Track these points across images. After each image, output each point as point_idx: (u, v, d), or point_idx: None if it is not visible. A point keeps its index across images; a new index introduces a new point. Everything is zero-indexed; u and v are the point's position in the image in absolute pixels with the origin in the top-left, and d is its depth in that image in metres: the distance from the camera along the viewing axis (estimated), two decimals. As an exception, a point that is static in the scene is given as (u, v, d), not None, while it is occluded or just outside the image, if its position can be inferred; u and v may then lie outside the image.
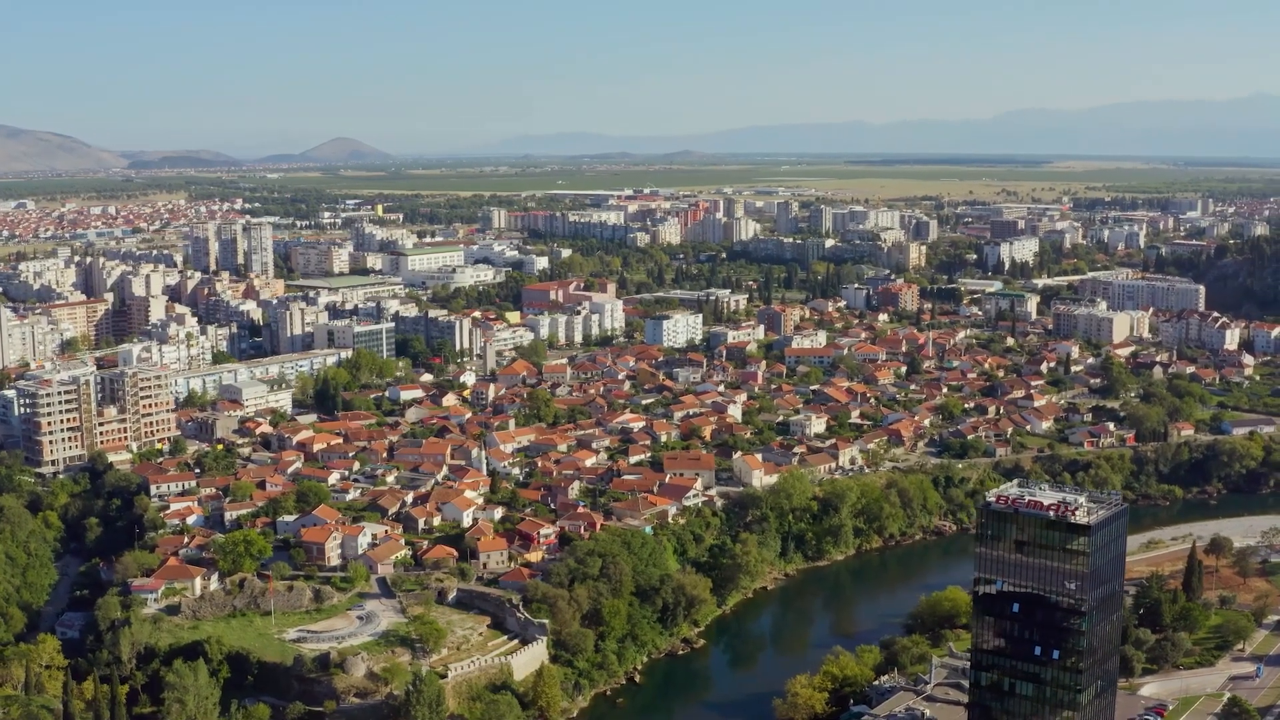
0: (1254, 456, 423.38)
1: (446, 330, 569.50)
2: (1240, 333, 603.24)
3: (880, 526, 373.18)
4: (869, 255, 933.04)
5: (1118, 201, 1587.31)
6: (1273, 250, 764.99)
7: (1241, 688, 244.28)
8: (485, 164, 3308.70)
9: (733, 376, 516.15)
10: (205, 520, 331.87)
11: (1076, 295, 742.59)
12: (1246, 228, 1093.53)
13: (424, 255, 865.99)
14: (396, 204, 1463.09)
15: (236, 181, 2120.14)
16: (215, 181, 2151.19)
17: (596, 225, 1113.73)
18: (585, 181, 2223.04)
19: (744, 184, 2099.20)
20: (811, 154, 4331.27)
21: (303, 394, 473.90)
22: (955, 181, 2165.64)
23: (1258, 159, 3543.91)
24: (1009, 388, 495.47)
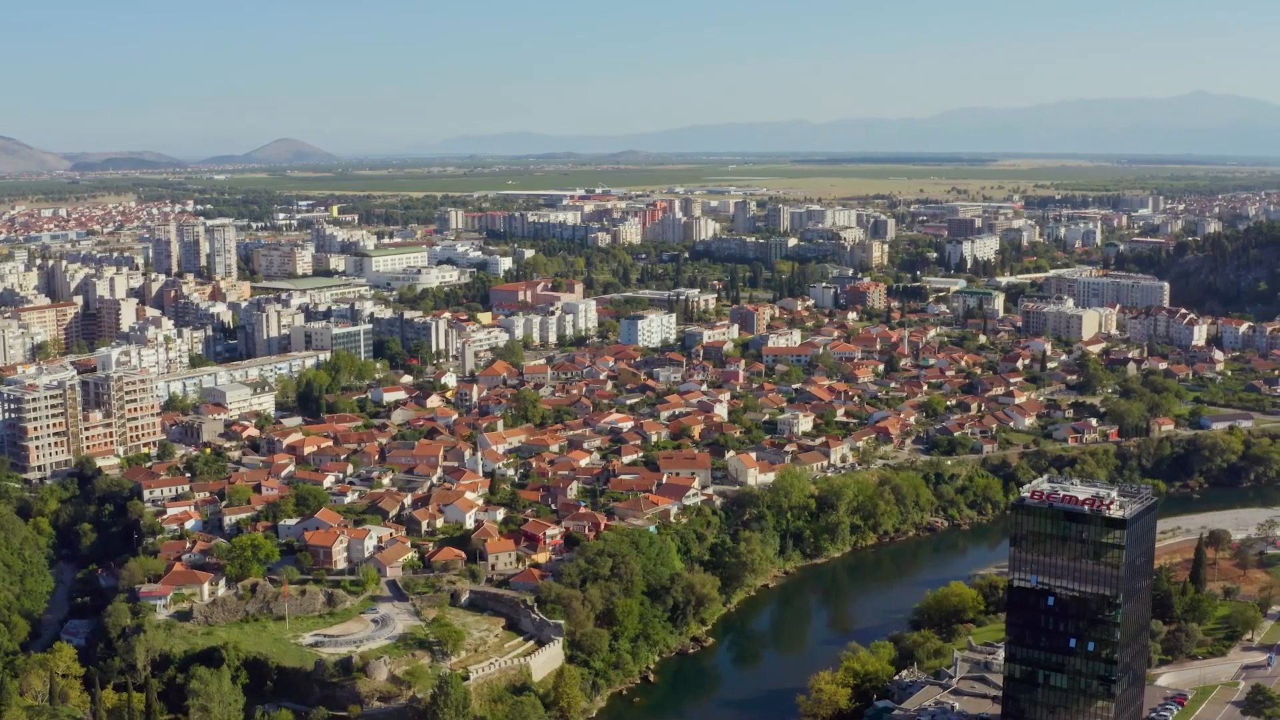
0: (1234, 451, 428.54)
1: (422, 331, 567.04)
2: (1208, 329, 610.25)
3: (875, 523, 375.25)
4: (832, 254, 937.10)
5: (1069, 200, 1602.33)
6: (1234, 247, 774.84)
7: (1254, 676, 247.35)
8: (431, 164, 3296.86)
9: (713, 376, 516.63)
10: (203, 525, 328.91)
11: (1042, 293, 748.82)
12: (1200, 225, 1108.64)
13: (387, 256, 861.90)
14: (350, 205, 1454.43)
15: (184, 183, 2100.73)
16: (163, 183, 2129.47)
17: (556, 225, 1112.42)
18: (536, 182, 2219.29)
19: (694, 183, 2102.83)
20: (755, 153, 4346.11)
21: (284, 396, 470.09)
22: (904, 180, 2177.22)
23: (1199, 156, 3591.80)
24: (989, 385, 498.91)
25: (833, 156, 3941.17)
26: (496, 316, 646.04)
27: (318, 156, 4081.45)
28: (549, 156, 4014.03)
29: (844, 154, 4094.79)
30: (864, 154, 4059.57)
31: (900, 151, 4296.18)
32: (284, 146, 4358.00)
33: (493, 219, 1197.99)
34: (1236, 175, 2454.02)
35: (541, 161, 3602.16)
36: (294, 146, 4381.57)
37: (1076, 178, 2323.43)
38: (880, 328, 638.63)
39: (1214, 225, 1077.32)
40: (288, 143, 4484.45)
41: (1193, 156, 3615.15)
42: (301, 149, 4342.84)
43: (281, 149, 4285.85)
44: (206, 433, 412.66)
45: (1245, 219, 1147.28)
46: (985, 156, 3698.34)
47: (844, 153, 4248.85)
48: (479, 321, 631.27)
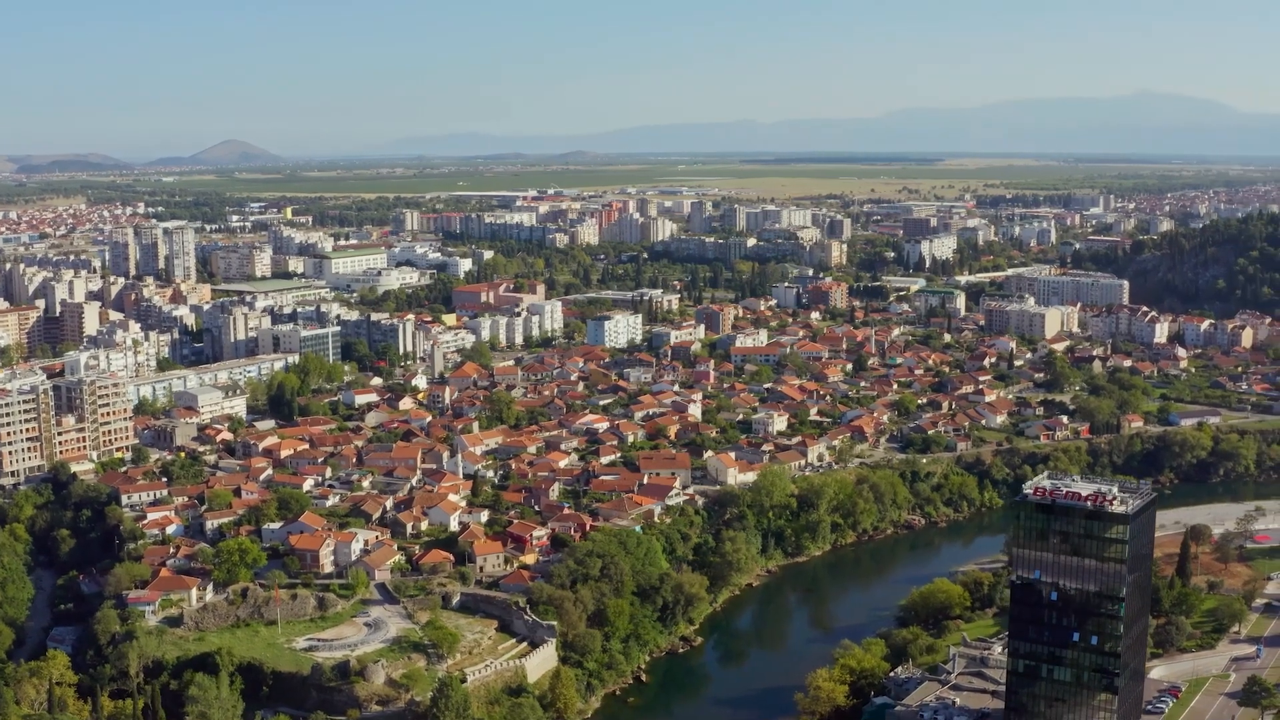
0: (1204, 447, 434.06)
1: (389, 333, 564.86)
2: (1169, 326, 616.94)
3: (855, 522, 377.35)
4: (791, 254, 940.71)
5: (1020, 199, 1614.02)
6: (1191, 246, 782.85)
7: (1244, 668, 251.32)
8: (380, 165, 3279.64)
9: (683, 376, 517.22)
10: (185, 530, 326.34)
11: (1002, 291, 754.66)
12: (1153, 223, 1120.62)
13: (346, 258, 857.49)
14: (302, 207, 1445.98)
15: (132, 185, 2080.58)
16: (111, 185, 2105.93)
17: (513, 226, 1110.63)
18: (486, 183, 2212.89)
19: (645, 184, 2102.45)
20: (703, 153, 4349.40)
21: (255, 400, 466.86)
22: (854, 180, 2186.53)
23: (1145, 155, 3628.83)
24: (958, 383, 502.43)
25: (781, 156, 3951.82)
26: (461, 318, 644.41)
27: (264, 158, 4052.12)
28: (497, 157, 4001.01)
29: (792, 154, 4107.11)
30: (812, 154, 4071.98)
31: (848, 151, 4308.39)
32: (230, 148, 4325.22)
33: (448, 220, 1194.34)
34: (1183, 174, 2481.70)
35: (490, 162, 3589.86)
36: (240, 148, 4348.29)
37: (1025, 177, 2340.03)
38: (845, 327, 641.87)
39: (1166, 224, 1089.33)
40: (234, 144, 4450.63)
41: (1139, 155, 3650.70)
42: (248, 150, 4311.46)
43: (228, 150, 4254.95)
44: (180, 437, 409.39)
45: (1196, 217, 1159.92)
46: (933, 156, 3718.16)
47: (792, 152, 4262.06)
48: (444, 323, 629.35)
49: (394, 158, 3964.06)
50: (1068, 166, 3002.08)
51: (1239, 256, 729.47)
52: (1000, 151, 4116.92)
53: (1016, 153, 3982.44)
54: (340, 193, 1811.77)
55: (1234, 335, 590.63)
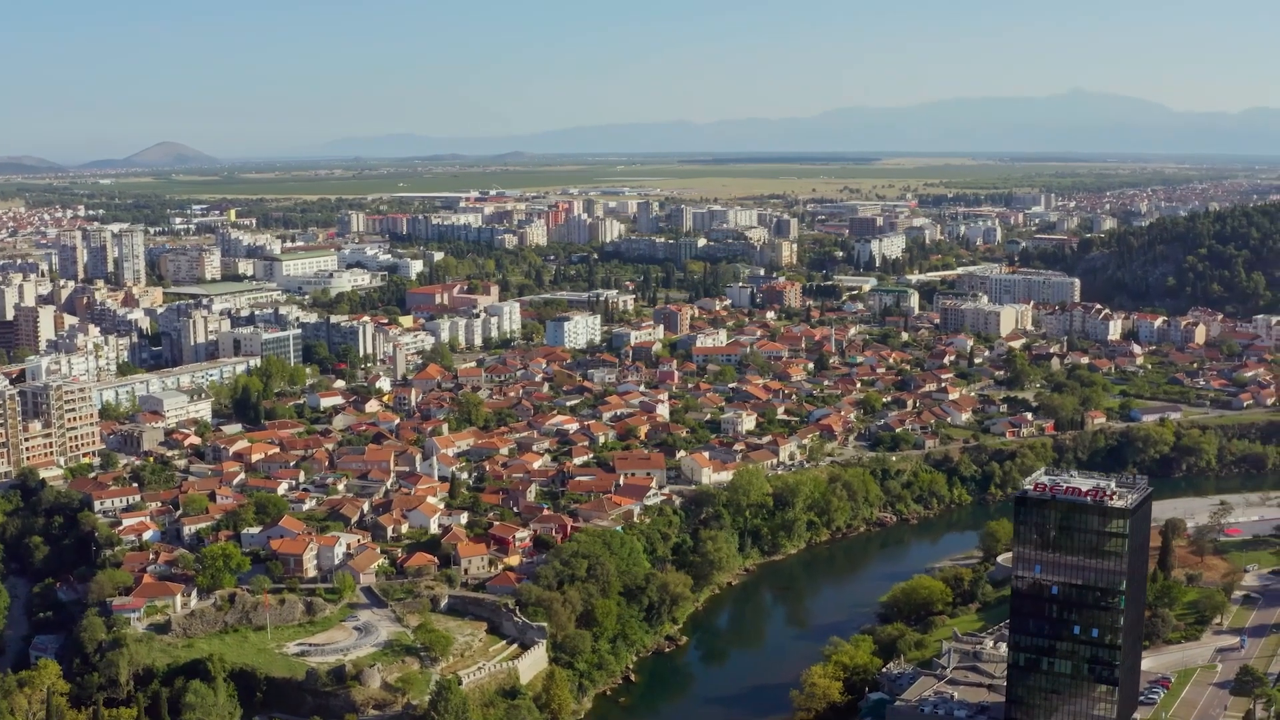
0: (1166, 442, 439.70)
1: (349, 335, 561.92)
2: (1123, 324, 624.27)
3: (829, 520, 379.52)
4: (742, 254, 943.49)
5: (961, 198, 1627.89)
6: (1140, 243, 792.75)
7: (1229, 658, 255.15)
8: (317, 167, 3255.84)
9: (647, 376, 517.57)
10: (161, 535, 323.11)
11: (954, 290, 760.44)
12: (1096, 221, 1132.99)
13: (297, 260, 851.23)
14: (245, 208, 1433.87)
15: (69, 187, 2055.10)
16: (48, 188, 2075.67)
17: (461, 228, 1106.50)
18: (426, 184, 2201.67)
19: (586, 184, 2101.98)
20: (640, 153, 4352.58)
21: (218, 403, 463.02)
22: (795, 179, 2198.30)
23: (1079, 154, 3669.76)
24: (921, 381, 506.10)
25: (718, 157, 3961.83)
26: (418, 320, 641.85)
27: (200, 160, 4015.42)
28: (434, 158, 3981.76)
29: (728, 154, 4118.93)
30: (748, 154, 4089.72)
31: (784, 151, 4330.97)
32: (165, 150, 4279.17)
33: (394, 221, 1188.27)
34: (1119, 172, 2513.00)
35: (428, 163, 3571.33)
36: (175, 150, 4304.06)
37: (963, 176, 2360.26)
38: (802, 326, 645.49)
39: (1109, 222, 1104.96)
40: (169, 146, 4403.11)
41: (1073, 154, 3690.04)
42: (183, 152, 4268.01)
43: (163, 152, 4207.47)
44: (147, 441, 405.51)
45: (1138, 215, 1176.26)
46: (869, 155, 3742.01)
47: (728, 152, 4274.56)
48: (401, 325, 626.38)
49: (330, 159, 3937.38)
50: (1004, 165, 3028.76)
51: (1188, 254, 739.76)
52: (936, 151, 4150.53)
53: (952, 152, 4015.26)
54: (280, 194, 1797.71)
55: (1187, 332, 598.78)
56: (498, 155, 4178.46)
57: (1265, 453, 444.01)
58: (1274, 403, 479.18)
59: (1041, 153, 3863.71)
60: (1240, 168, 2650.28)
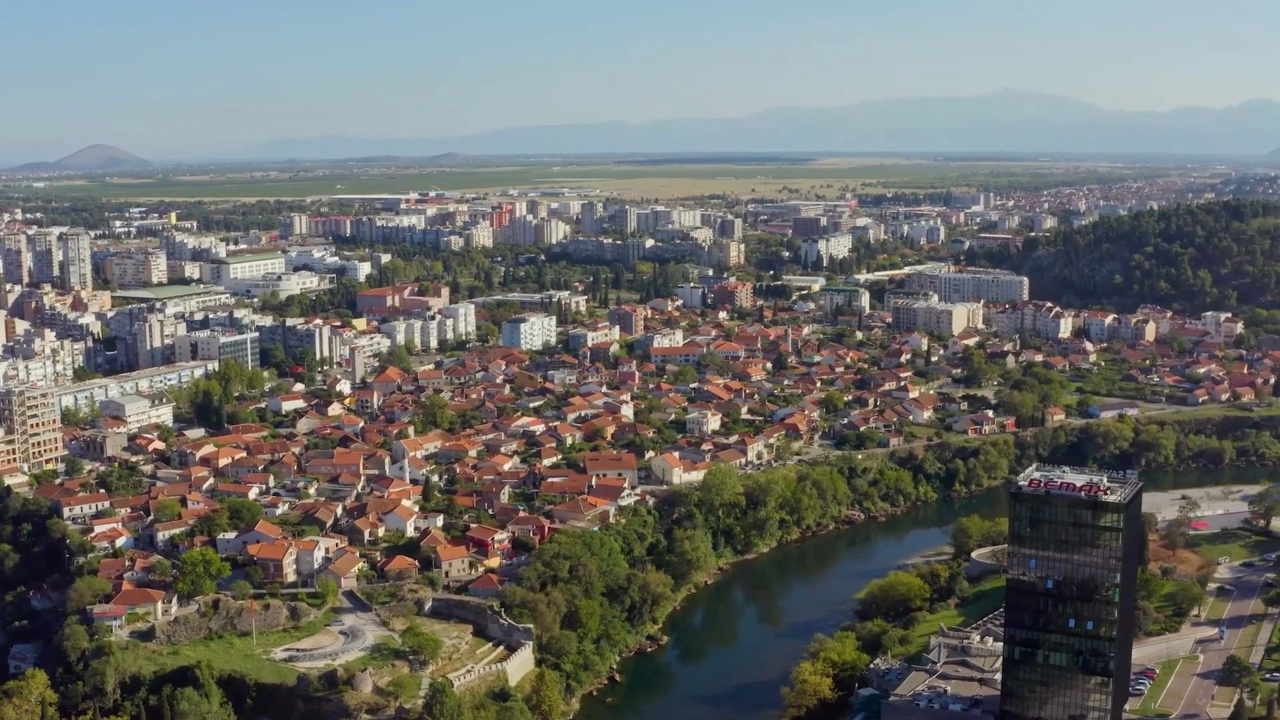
0: (1125, 438, 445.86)
1: (305, 339, 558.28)
2: (1073, 321, 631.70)
3: (800, 518, 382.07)
4: (690, 254, 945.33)
5: (900, 198, 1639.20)
6: (1086, 242, 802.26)
7: (1209, 649, 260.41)
8: (252, 169, 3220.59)
9: (607, 377, 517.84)
10: (135, 542, 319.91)
11: (903, 289, 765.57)
12: (1037, 221, 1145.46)
13: (244, 263, 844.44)
14: (185, 211, 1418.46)
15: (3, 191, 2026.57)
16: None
17: (405, 230, 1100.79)
18: (364, 185, 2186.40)
19: (525, 185, 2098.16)
20: (574, 154, 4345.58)
21: (179, 408, 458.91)
22: (733, 180, 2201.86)
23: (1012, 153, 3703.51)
24: (880, 380, 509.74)
25: (653, 157, 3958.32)
26: (371, 322, 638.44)
27: (133, 162, 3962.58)
28: (369, 160, 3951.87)
29: (663, 154, 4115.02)
30: (683, 154, 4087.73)
31: (719, 151, 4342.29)
32: (98, 153, 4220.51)
33: (338, 224, 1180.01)
34: (1054, 171, 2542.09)
35: (362, 165, 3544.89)
36: (108, 153, 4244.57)
37: (899, 175, 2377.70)
38: (757, 326, 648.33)
39: (1050, 221, 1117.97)
40: (102, 149, 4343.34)
41: (1006, 153, 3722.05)
42: (116, 155, 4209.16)
43: (95, 155, 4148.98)
44: (111, 447, 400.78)
45: (1077, 214, 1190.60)
46: (804, 156, 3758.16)
47: (663, 153, 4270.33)
48: (354, 327, 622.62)
49: (265, 161, 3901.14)
50: (939, 165, 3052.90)
51: (1134, 253, 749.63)
52: (870, 151, 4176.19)
53: (886, 152, 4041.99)
54: (216, 196, 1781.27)
55: (1138, 329, 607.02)
56: (433, 156, 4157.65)
57: (1222, 448, 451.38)
58: (1228, 398, 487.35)
59: (975, 152, 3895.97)
60: (1172, 166, 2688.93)
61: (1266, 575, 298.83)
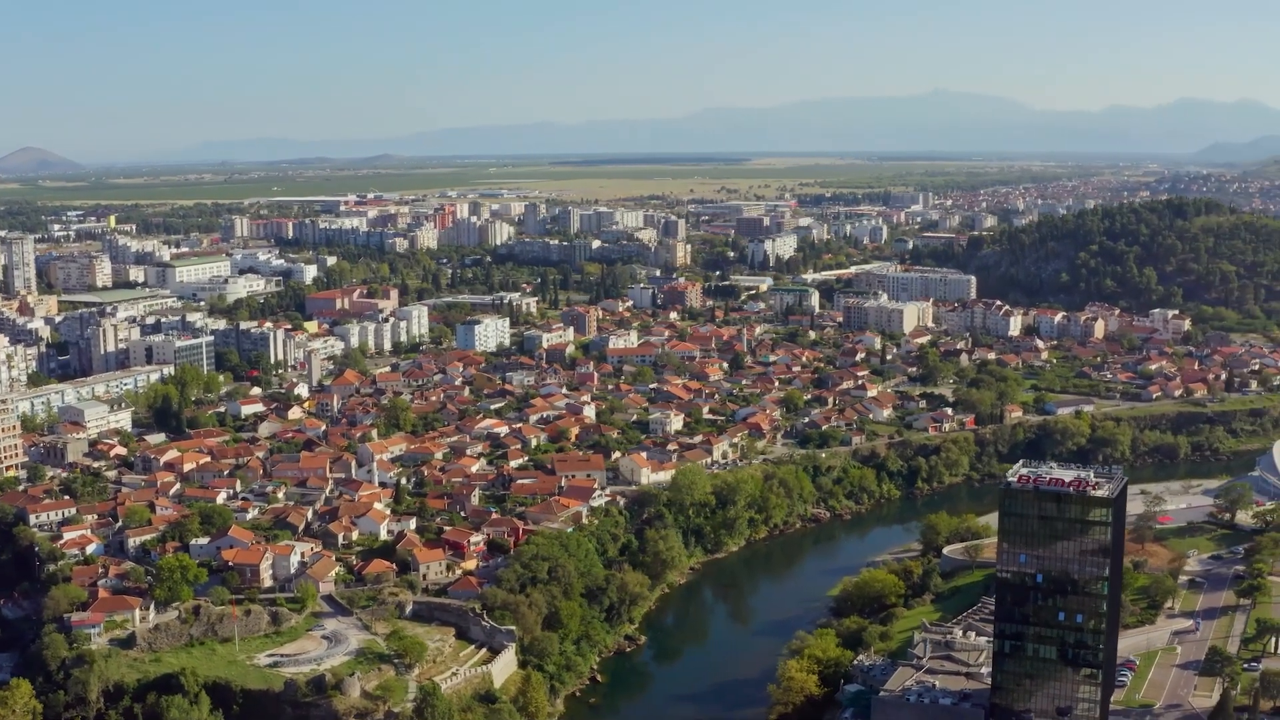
0: (1083, 434, 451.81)
1: (259, 342, 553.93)
2: (1023, 319, 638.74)
3: (767, 517, 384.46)
4: (637, 255, 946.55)
5: (839, 197, 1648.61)
6: (1031, 240, 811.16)
7: (1186, 641, 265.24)
8: (183, 171, 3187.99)
9: (565, 378, 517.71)
10: (105, 549, 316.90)
11: (852, 288, 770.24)
12: (977, 220, 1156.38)
13: (190, 266, 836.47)
14: (123, 214, 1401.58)
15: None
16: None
17: (349, 232, 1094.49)
18: (300, 187, 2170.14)
19: (462, 186, 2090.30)
20: (508, 155, 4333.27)
21: (137, 413, 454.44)
22: (671, 180, 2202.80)
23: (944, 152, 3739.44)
24: (838, 379, 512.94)
25: (588, 158, 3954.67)
26: (322, 325, 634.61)
27: (64, 165, 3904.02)
28: (302, 161, 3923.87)
29: (598, 155, 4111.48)
30: (617, 155, 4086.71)
31: (654, 152, 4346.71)
32: (28, 155, 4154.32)
33: (280, 226, 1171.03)
34: (989, 170, 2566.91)
35: (297, 166, 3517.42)
36: (38, 155, 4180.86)
37: (835, 175, 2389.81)
38: (710, 326, 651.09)
39: (990, 220, 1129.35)
40: (32, 151, 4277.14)
41: (938, 153, 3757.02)
42: (47, 158, 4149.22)
43: (26, 158, 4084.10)
44: (72, 453, 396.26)
45: (1016, 213, 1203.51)
46: (739, 156, 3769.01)
47: (597, 154, 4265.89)
48: (305, 330, 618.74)
49: (198, 163, 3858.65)
50: (873, 165, 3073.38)
51: (1079, 251, 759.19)
52: (804, 151, 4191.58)
53: (820, 151, 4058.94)
54: (152, 199, 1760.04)
55: (1087, 327, 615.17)
56: (367, 158, 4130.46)
57: (1177, 443, 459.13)
58: (1181, 394, 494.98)
59: (907, 151, 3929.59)
60: (1105, 165, 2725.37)
61: (1235, 567, 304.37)
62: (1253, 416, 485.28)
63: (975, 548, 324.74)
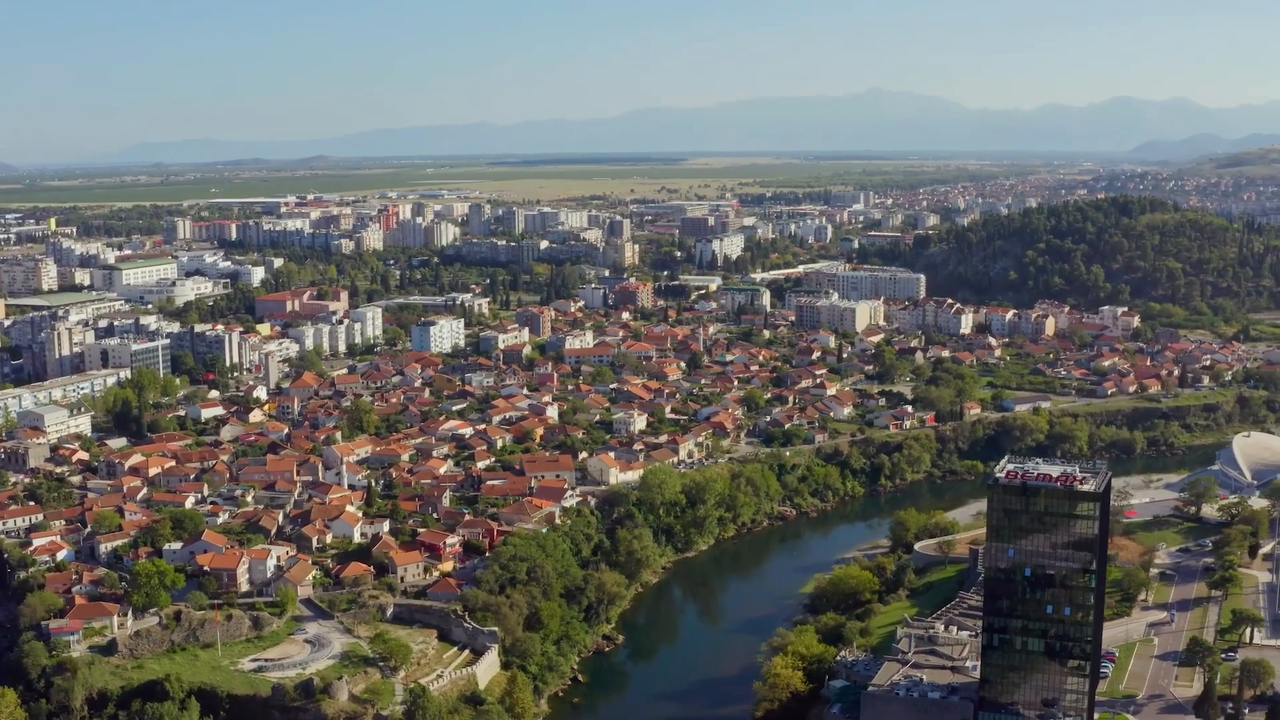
0: (1041, 430, 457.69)
1: (215, 345, 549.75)
2: (974, 317, 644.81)
3: (736, 515, 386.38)
4: (585, 255, 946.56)
5: (779, 196, 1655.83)
6: (978, 239, 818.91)
7: (1162, 632, 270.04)
8: (118, 173, 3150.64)
9: (525, 379, 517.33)
10: (76, 555, 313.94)
11: (801, 288, 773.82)
12: (920, 218, 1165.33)
13: (137, 269, 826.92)
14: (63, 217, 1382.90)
15: None
16: None
17: (294, 233, 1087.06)
18: (239, 189, 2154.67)
19: (402, 187, 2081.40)
20: (445, 155, 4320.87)
21: (96, 417, 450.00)
22: (609, 180, 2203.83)
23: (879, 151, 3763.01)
24: (797, 378, 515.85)
25: (525, 158, 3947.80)
26: (274, 328, 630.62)
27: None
28: (237, 163, 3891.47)
29: (534, 155, 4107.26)
30: (554, 155, 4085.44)
31: (589, 152, 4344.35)
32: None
33: (223, 228, 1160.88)
34: (925, 169, 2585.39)
35: (232, 168, 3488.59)
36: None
37: (773, 174, 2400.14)
38: (664, 326, 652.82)
39: (933, 218, 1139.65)
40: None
41: (874, 151, 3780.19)
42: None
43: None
44: (34, 458, 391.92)
45: (957, 211, 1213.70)
46: (676, 156, 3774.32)
47: (534, 154, 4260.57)
48: (258, 333, 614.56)
49: (133, 165, 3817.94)
50: (810, 164, 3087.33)
51: (1027, 249, 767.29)
52: (740, 150, 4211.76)
53: (756, 151, 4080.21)
54: (89, 202, 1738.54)
55: (1038, 324, 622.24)
56: (302, 159, 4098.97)
57: (1133, 438, 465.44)
58: (1136, 390, 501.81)
59: (844, 151, 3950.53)
60: (1040, 163, 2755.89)
61: (1204, 560, 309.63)
62: (1206, 411, 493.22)
63: (948, 543, 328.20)
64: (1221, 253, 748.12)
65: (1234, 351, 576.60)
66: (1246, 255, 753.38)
